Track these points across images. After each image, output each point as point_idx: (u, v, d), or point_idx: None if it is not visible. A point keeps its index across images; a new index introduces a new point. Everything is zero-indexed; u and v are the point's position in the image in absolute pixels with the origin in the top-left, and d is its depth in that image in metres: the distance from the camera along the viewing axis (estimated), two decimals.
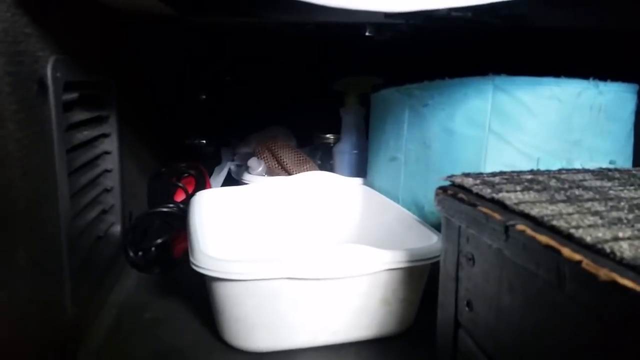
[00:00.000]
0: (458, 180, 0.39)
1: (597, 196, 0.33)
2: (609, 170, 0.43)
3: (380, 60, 0.87)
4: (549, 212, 0.29)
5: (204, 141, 0.90)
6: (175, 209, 0.73)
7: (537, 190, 0.34)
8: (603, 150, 0.56)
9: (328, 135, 0.93)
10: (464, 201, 0.35)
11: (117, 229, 0.66)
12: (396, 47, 0.79)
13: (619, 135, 0.57)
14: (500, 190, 0.35)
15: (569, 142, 0.55)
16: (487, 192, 0.35)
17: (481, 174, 0.41)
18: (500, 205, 0.32)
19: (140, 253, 0.67)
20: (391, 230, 0.60)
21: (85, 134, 0.57)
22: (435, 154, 0.60)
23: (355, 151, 0.85)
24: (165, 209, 0.72)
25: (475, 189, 0.36)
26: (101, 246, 0.60)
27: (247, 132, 0.98)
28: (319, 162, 0.91)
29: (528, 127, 0.55)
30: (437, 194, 0.40)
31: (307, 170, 0.83)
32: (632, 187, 0.35)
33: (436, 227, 0.56)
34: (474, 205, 0.34)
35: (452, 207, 0.37)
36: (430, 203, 0.61)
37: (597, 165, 0.54)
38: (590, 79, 0.54)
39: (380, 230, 0.63)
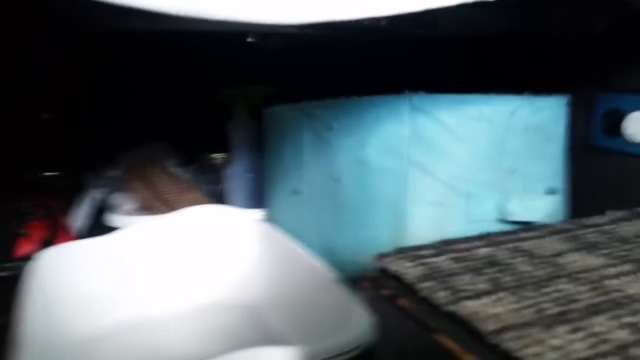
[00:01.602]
0: (392, 267, 0.27)
1: (605, 302, 0.23)
2: (566, 223, 0.34)
3: (272, 67, 0.74)
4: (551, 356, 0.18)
5: (53, 173, 0.71)
6: (15, 270, 0.56)
7: (511, 290, 0.24)
8: (540, 176, 0.48)
9: (215, 155, 0.79)
10: (409, 315, 0.23)
11: None
12: (291, 53, 0.66)
13: (555, 157, 0.49)
14: (458, 293, 0.24)
15: (502, 171, 0.46)
16: (440, 296, 0.23)
17: (421, 248, 0.29)
18: (469, 331, 0.21)
19: None
20: (300, 291, 0.48)
21: None
22: (346, 189, 0.49)
23: (249, 174, 0.71)
24: None
25: (422, 289, 0.24)
26: None
27: (115, 151, 0.80)
28: (205, 187, 0.76)
29: (455, 156, 0.45)
30: (363, 287, 0.28)
31: (191, 202, 0.68)
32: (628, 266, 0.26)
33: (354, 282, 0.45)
34: (428, 330, 0.22)
35: (389, 319, 0.25)
36: (344, 251, 0.49)
37: (534, 195, 0.47)
38: (525, 94, 0.45)
39: (285, 289, 0.50)
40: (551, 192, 0.47)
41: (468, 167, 0.45)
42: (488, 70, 0.64)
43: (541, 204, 0.45)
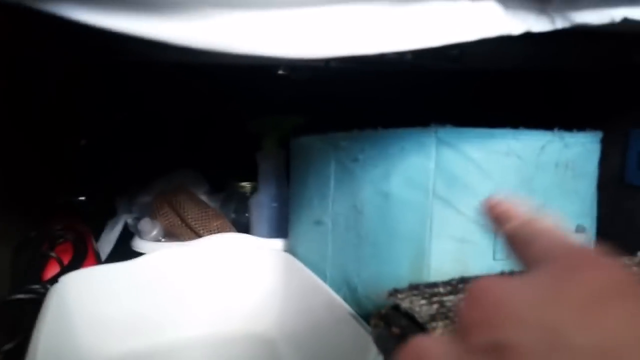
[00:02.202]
0: (404, 304, 0.26)
1: None
2: None
3: (302, 98, 0.75)
4: None
5: (82, 198, 0.73)
6: (41, 291, 0.57)
7: None
8: (570, 214, 0.46)
9: (244, 184, 0.79)
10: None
11: None
12: (319, 84, 0.67)
13: (586, 194, 0.48)
14: None
15: (531, 208, 0.44)
16: None
17: (437, 285, 0.29)
18: None
19: None
20: (316, 324, 0.47)
21: None
22: (368, 221, 0.48)
23: (275, 204, 0.71)
24: (23, 296, 0.55)
25: (433, 328, 0.23)
26: None
27: (147, 178, 0.82)
28: (233, 215, 0.77)
29: (481, 191, 0.44)
30: (374, 324, 0.27)
31: (217, 230, 0.69)
32: None
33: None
34: None
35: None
36: (364, 285, 0.48)
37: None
38: (555, 129, 0.44)
39: (301, 322, 0.50)
40: (581, 230, 0.45)
41: None
42: (517, 104, 0.63)
43: None
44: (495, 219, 0.20)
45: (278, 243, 0.64)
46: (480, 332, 0.15)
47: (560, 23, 0.28)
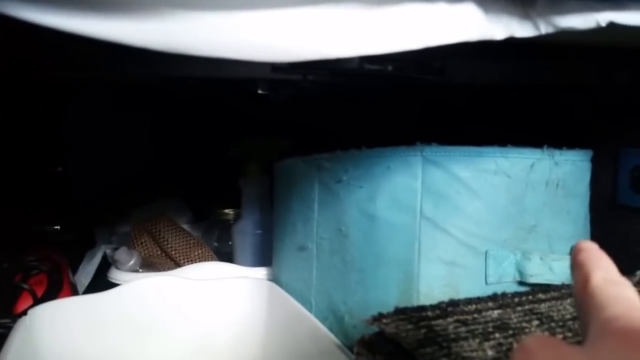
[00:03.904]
0: (389, 329, 0.24)
1: None
2: None
3: (286, 121, 0.74)
4: None
5: (57, 227, 0.70)
6: (11, 325, 0.53)
7: None
8: (563, 235, 0.44)
9: (227, 210, 0.77)
10: None
11: None
12: (303, 105, 0.66)
13: (578, 214, 0.46)
14: None
15: (522, 229, 0.43)
16: None
17: (425, 309, 0.26)
18: None
19: None
20: (302, 356, 0.44)
21: None
22: (354, 245, 0.46)
23: (258, 231, 0.69)
24: None
25: (421, 355, 0.21)
26: None
27: (128, 207, 0.80)
28: (216, 244, 0.74)
29: (470, 212, 0.42)
30: (357, 352, 0.24)
31: (198, 259, 0.66)
32: None
33: None
34: None
35: None
36: (351, 313, 0.46)
37: (557, 255, 0.43)
38: (544, 147, 0.43)
39: (287, 354, 0.47)
40: None
41: (485, 224, 0.42)
42: (505, 122, 0.62)
43: (564, 265, 0.41)
44: (580, 266, 0.18)
45: (261, 271, 0.61)
46: None
47: (544, 28, 0.26)
